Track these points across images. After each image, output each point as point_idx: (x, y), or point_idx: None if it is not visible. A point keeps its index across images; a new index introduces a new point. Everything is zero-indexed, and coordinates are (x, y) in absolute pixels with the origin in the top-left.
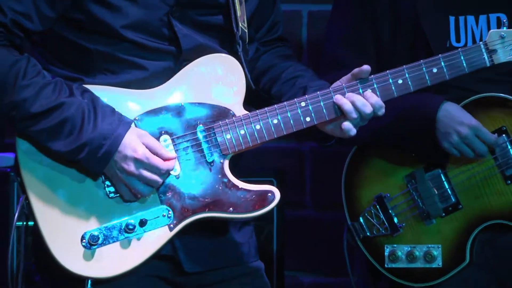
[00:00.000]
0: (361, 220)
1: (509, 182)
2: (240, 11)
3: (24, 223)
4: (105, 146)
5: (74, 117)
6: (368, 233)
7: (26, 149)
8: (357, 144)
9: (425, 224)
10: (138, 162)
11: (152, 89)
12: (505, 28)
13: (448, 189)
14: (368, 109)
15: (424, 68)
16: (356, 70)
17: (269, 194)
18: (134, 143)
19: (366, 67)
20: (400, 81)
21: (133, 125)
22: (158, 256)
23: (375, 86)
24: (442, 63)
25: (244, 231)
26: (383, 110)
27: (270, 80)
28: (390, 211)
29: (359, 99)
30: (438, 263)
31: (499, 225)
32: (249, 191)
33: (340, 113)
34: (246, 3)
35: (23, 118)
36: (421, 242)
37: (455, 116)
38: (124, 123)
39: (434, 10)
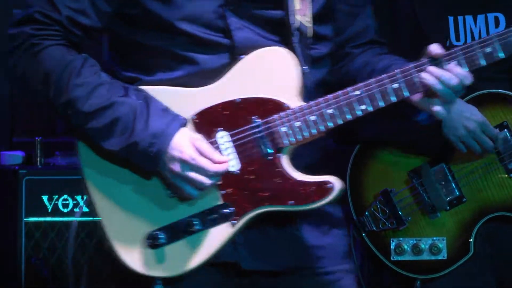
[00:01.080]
0: (367, 215)
1: None
2: (300, 4)
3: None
4: (155, 146)
5: (126, 116)
6: (374, 228)
7: (87, 151)
8: (362, 142)
9: (430, 217)
10: (184, 163)
11: (208, 86)
12: None
13: (453, 183)
14: (454, 81)
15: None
16: (429, 48)
17: (329, 185)
18: (182, 144)
19: (435, 46)
20: (488, 50)
21: (189, 125)
22: (220, 264)
23: (459, 57)
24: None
25: (331, 234)
26: (470, 79)
27: (368, 75)
28: (395, 206)
29: (441, 72)
30: (443, 255)
31: (501, 217)
32: (308, 182)
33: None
34: (311, 2)
35: (75, 117)
36: (426, 235)
37: (462, 111)
38: (175, 124)
39: (433, 10)
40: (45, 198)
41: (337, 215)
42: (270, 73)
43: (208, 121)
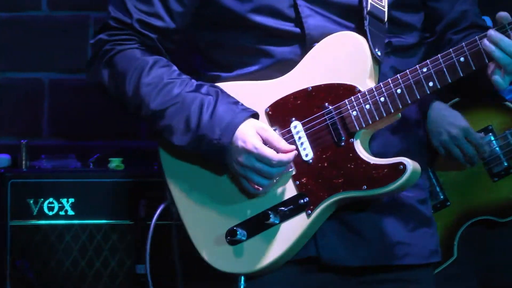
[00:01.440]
0: None
1: (496, 179)
2: None
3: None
4: (222, 137)
5: (194, 111)
6: None
7: (166, 156)
8: None
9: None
10: (248, 153)
11: (280, 77)
12: None
13: (437, 187)
14: None
15: None
16: (497, 15)
17: (401, 166)
18: (246, 134)
19: (502, 13)
20: None
21: (263, 117)
22: (301, 261)
23: None
24: None
25: (420, 232)
26: None
27: None
28: None
29: (503, 38)
30: None
31: (485, 221)
32: (381, 165)
33: (476, 62)
34: None
35: (148, 117)
36: None
37: (445, 116)
38: (242, 115)
39: None
40: (30, 201)
41: (426, 213)
42: (340, 58)
43: (281, 112)
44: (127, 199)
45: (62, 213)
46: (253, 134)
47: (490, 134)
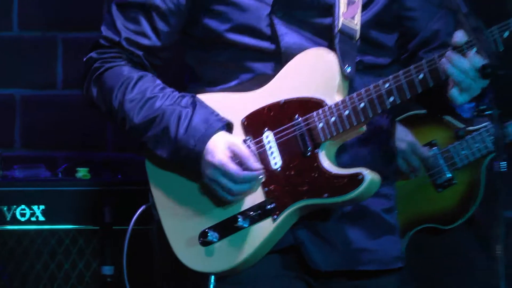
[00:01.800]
0: None
1: (440, 190)
2: (346, 7)
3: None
4: (194, 146)
5: (172, 124)
6: None
7: (151, 166)
8: None
9: None
10: (215, 167)
11: (256, 90)
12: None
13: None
14: (465, 64)
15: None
16: (453, 35)
17: (359, 176)
18: (216, 148)
19: (459, 33)
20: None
21: (239, 127)
22: (281, 251)
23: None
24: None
25: (384, 239)
26: (488, 71)
27: None
28: None
29: (458, 57)
30: None
31: (429, 229)
32: (341, 175)
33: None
34: (368, 5)
35: (131, 130)
36: None
37: (400, 129)
38: (215, 124)
39: None
40: (4, 208)
41: (391, 221)
42: (311, 74)
43: (255, 123)
44: (93, 206)
45: (33, 219)
46: (222, 149)
47: (435, 148)
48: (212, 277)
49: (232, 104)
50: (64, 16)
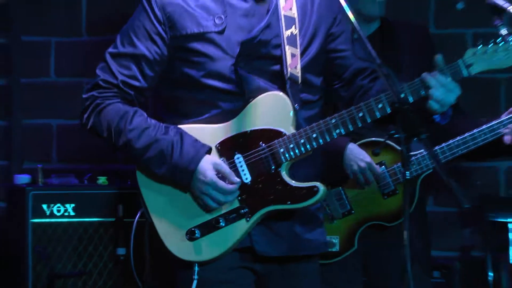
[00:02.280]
0: None
1: (386, 197)
2: (290, 59)
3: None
4: (187, 166)
5: (166, 149)
6: None
7: (142, 176)
8: None
9: (329, 223)
10: (207, 185)
11: (227, 122)
12: (479, 47)
13: (346, 200)
14: (432, 81)
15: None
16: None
17: (315, 188)
18: (205, 170)
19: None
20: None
21: (214, 151)
22: (240, 249)
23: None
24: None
25: (318, 230)
26: (396, 105)
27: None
28: None
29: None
30: (336, 248)
31: (376, 225)
32: (301, 187)
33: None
34: (303, 56)
35: (132, 152)
36: (327, 234)
37: (356, 153)
38: (202, 149)
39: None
40: (44, 206)
41: (320, 217)
42: (271, 110)
43: (227, 148)
44: (110, 204)
45: (66, 214)
46: (210, 169)
47: (383, 167)
48: (196, 264)
49: (207, 133)
50: (89, 66)
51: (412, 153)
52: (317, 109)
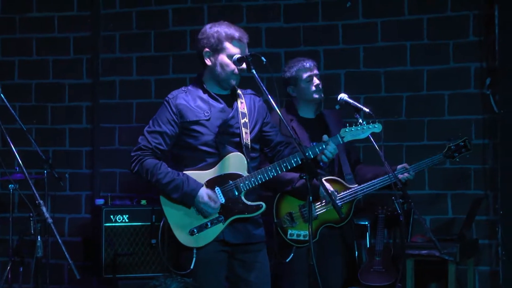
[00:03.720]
0: (281, 220)
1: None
2: (245, 135)
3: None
4: (192, 195)
5: (180, 184)
6: (283, 225)
7: (164, 198)
8: (281, 192)
9: (305, 223)
10: (204, 204)
11: (211, 169)
12: (347, 127)
13: (314, 211)
14: (329, 148)
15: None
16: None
17: (261, 205)
18: (202, 196)
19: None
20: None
21: (204, 185)
22: (218, 240)
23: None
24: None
25: (260, 228)
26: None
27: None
28: (293, 217)
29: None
30: (306, 237)
31: (329, 226)
32: (253, 205)
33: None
34: (250, 133)
35: (159, 186)
36: (303, 229)
37: (326, 184)
38: (200, 185)
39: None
40: (111, 216)
41: (261, 221)
42: (235, 163)
43: (211, 184)
44: (147, 216)
45: (123, 221)
46: (206, 195)
47: (336, 192)
48: (194, 249)
49: (200, 176)
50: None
51: (351, 185)
52: (257, 162)
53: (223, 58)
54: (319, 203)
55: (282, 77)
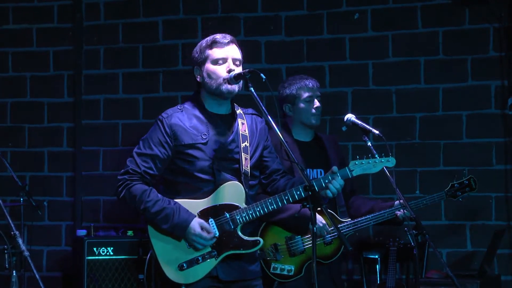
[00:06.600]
0: (265, 251)
1: (325, 245)
2: (244, 162)
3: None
4: (183, 226)
5: (170, 214)
6: (267, 257)
7: (152, 229)
8: (267, 222)
9: (291, 256)
10: (196, 236)
11: (204, 199)
12: (358, 160)
13: (302, 245)
14: (334, 184)
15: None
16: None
17: (257, 241)
18: (195, 227)
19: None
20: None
21: (197, 216)
22: (210, 276)
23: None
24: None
25: (256, 264)
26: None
27: (288, 188)
28: (278, 249)
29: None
30: (291, 273)
31: (318, 262)
32: (249, 240)
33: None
34: (251, 160)
35: (149, 215)
36: (287, 263)
37: (318, 218)
38: (192, 215)
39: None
40: (94, 248)
41: (257, 255)
42: (232, 192)
43: (205, 214)
44: (134, 248)
45: (108, 253)
46: (198, 227)
47: (325, 225)
48: (183, 286)
49: (193, 205)
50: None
51: (343, 219)
52: (255, 189)
53: (208, 67)
54: (307, 236)
55: (280, 93)
